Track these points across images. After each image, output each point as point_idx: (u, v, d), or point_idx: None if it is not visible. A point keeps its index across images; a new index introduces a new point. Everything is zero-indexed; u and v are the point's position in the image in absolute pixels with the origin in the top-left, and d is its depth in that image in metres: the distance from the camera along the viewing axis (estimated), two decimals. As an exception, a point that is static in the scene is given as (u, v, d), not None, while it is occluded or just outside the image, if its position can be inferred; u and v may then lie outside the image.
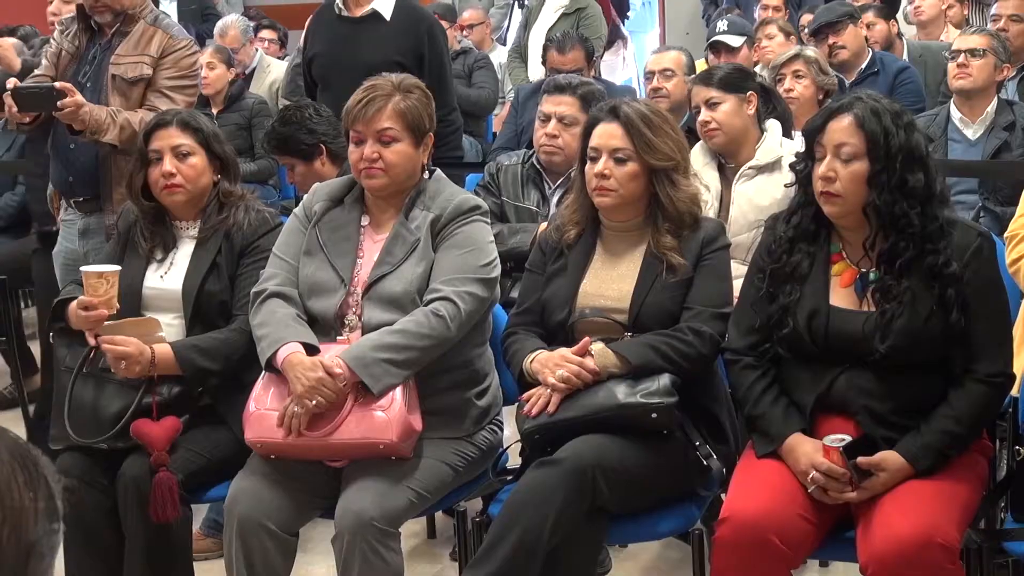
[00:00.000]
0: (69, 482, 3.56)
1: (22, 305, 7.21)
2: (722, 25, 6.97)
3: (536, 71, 8.14)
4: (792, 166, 3.49)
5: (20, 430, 5.00)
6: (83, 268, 3.76)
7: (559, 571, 3.29)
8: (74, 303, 3.71)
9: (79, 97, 4.36)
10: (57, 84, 4.40)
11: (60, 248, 4.77)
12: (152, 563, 3.57)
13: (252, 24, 8.55)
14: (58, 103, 4.32)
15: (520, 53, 8.91)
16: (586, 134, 3.59)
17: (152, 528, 3.52)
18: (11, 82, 4.57)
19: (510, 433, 3.65)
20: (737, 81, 4.55)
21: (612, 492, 3.25)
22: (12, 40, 6.40)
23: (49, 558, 1.31)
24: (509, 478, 3.49)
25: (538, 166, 4.71)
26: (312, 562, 3.90)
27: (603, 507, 3.27)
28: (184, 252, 3.89)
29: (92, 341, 3.66)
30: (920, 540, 2.94)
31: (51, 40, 4.92)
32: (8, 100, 4.51)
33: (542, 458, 3.30)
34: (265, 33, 9.08)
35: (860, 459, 3.08)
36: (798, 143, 4.24)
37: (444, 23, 7.87)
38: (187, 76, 4.68)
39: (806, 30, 7.03)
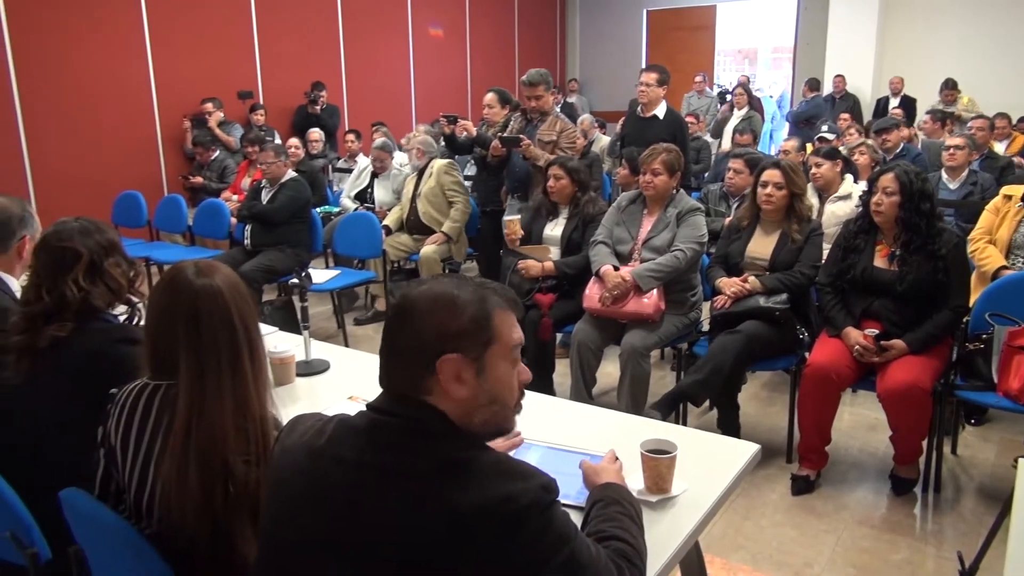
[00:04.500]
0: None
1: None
2: (824, 128, 6.53)
3: (726, 146, 7.83)
4: (860, 197, 3.30)
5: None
6: (505, 218, 3.97)
7: (732, 380, 3.27)
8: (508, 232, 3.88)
9: (528, 141, 4.48)
10: (521, 136, 4.51)
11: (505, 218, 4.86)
12: (539, 357, 3.67)
13: (595, 119, 8.45)
14: (520, 143, 4.46)
15: (719, 138, 8.61)
16: (759, 174, 3.45)
17: (540, 342, 3.63)
18: (498, 135, 4.69)
19: (705, 315, 3.57)
20: (831, 154, 4.25)
21: (757, 347, 3.17)
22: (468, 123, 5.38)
23: (506, 325, 1.20)
24: (702, 336, 3.43)
25: (726, 190, 4.55)
26: (608, 364, 3.91)
27: (752, 354, 3.19)
28: (562, 219, 3.93)
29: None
30: (910, 384, 2.78)
31: (512, 120, 4.85)
32: (495, 142, 4.64)
33: (726, 329, 3.24)
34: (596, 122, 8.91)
35: (883, 342, 2.92)
36: (861, 186, 3.97)
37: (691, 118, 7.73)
38: (573, 142, 4.63)
39: (872, 130, 6.45)
